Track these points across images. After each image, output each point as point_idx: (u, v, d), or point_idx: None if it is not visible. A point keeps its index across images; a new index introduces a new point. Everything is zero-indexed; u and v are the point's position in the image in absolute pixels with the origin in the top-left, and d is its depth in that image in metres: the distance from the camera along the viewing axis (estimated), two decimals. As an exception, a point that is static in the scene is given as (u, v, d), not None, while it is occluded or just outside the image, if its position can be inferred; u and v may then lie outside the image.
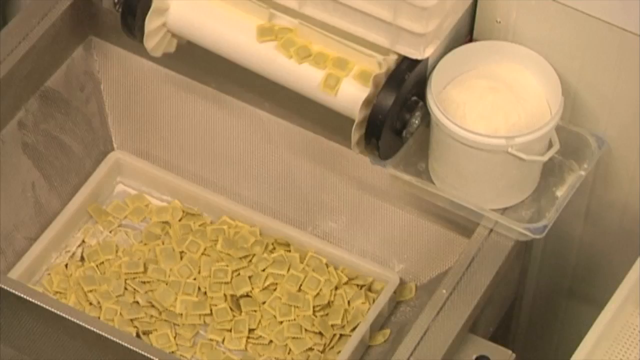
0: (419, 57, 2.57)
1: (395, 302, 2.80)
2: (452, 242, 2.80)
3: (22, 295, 2.58)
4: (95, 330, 2.51)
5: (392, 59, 2.58)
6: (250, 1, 2.66)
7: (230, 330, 2.76)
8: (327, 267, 2.82)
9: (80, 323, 2.53)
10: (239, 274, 2.81)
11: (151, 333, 2.76)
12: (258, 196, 2.92)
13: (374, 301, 2.78)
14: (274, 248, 2.85)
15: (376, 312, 2.74)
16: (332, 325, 2.77)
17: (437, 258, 2.82)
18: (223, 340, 2.76)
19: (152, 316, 2.77)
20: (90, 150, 2.97)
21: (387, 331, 2.77)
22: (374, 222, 2.89)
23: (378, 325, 2.76)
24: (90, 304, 2.78)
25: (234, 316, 2.77)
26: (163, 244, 2.86)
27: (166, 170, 2.96)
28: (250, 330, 2.77)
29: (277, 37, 2.67)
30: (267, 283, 2.80)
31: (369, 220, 2.89)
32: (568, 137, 2.68)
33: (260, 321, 2.77)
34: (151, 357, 2.47)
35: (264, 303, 2.79)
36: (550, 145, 2.63)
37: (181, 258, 2.84)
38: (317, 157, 2.91)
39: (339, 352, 2.72)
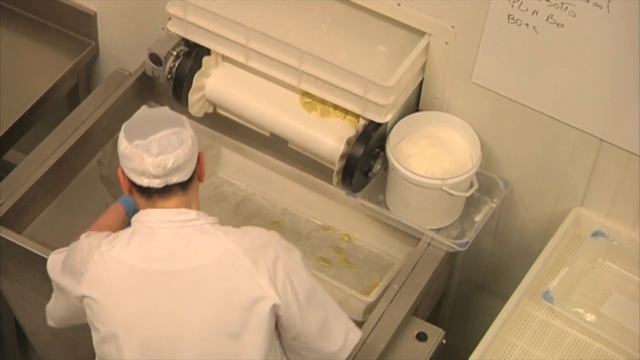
0: (381, 121, 2.60)
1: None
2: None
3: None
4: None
5: (362, 122, 2.61)
6: (266, 81, 2.69)
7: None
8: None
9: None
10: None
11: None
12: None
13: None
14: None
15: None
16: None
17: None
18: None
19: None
20: (148, 182, 2.94)
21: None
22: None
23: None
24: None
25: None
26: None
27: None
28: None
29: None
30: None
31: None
32: (484, 179, 2.71)
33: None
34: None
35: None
36: (471, 185, 2.66)
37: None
38: (309, 189, 2.89)
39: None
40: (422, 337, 2.57)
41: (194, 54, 2.69)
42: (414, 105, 2.72)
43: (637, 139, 2.48)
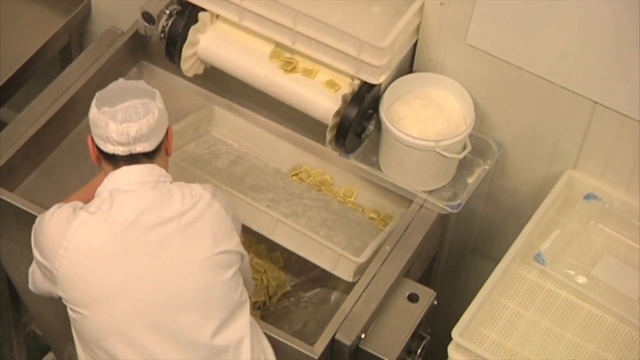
0: (375, 82, 2.60)
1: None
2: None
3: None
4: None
5: (357, 82, 2.62)
6: (257, 38, 2.69)
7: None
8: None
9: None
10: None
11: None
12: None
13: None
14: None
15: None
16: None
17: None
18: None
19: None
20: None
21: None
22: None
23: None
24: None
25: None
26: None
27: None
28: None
29: (280, 59, 2.69)
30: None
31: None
32: (477, 141, 2.72)
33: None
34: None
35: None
36: (464, 147, 2.68)
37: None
38: (302, 149, 2.90)
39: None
40: (413, 298, 2.59)
41: (187, 13, 2.69)
42: (408, 66, 2.72)
43: (630, 102, 2.49)
